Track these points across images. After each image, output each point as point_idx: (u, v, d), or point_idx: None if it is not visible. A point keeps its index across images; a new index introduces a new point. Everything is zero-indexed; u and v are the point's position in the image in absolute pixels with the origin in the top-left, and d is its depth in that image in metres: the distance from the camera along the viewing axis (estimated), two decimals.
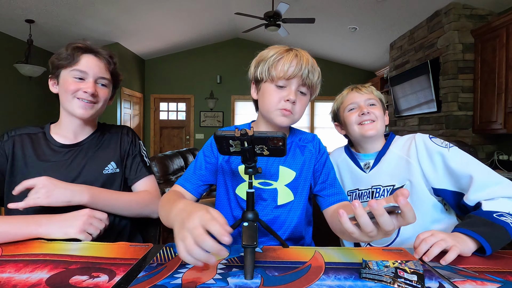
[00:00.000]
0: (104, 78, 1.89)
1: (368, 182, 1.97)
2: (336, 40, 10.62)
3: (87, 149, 1.93)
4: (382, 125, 1.98)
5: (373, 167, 1.97)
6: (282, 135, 1.12)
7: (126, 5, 7.76)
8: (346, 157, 2.13)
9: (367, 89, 2.04)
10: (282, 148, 1.17)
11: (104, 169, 1.91)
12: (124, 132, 2.08)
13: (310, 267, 1.22)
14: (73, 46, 1.82)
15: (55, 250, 1.34)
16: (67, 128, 1.91)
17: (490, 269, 1.22)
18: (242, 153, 1.20)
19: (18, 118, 8.55)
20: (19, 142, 1.84)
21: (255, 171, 1.24)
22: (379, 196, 1.89)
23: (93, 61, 1.84)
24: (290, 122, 1.62)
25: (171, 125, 13.05)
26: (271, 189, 1.66)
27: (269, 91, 1.60)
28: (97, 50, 1.88)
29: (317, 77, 1.62)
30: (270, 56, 1.59)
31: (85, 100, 1.81)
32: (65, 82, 1.81)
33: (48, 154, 1.85)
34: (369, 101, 2.00)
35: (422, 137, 1.88)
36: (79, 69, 1.80)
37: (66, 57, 1.80)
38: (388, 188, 1.89)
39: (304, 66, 1.53)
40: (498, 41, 6.01)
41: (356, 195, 2.00)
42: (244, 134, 1.12)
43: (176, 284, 1.06)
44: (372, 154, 2.03)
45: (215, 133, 1.18)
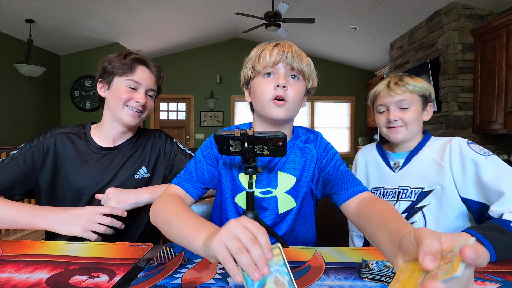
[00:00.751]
0: (152, 90, 1.98)
1: (396, 182, 1.91)
2: (336, 40, 10.61)
3: (123, 153, 1.98)
4: (414, 129, 1.89)
5: (403, 167, 1.91)
6: (282, 135, 1.12)
7: (126, 5, 7.74)
8: (377, 154, 2.07)
9: (400, 88, 1.87)
10: (282, 148, 1.17)
11: (136, 174, 1.96)
12: (157, 136, 2.14)
13: (310, 267, 1.22)
14: (132, 57, 1.89)
15: (55, 250, 1.34)
16: (108, 133, 1.97)
17: (490, 269, 1.22)
18: (242, 153, 1.20)
19: (18, 118, 8.53)
20: (60, 140, 1.89)
21: (255, 171, 1.24)
22: (406, 197, 1.83)
23: (147, 73, 1.93)
24: (286, 113, 1.47)
25: (171, 125, 13.01)
26: (271, 197, 1.58)
27: (258, 84, 1.51)
28: (149, 62, 1.97)
29: (307, 64, 1.51)
30: (253, 54, 1.55)
31: (134, 109, 1.89)
32: (119, 89, 1.87)
33: (87, 155, 1.90)
34: (401, 103, 1.87)
35: (459, 141, 1.78)
36: (134, 80, 1.88)
37: (123, 66, 1.86)
38: (416, 190, 1.82)
39: (287, 52, 1.45)
40: (498, 41, 6.01)
41: (381, 193, 1.95)
42: (244, 134, 1.12)
43: (176, 284, 1.06)
44: (403, 154, 1.96)
45: (215, 133, 1.18)
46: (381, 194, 1.94)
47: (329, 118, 13.17)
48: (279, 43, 1.52)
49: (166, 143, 2.12)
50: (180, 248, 1.39)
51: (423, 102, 1.91)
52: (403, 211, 1.82)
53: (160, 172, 2.06)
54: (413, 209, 1.80)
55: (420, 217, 1.78)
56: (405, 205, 1.83)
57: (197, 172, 1.59)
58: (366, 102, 12.94)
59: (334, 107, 13.15)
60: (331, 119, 13.16)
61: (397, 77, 1.93)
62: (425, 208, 1.77)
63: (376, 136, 12.29)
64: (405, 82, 1.88)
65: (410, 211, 1.80)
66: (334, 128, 13.14)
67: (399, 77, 1.93)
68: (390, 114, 1.89)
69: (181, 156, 2.10)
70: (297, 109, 1.54)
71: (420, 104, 1.90)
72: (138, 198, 1.76)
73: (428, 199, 1.77)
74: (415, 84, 1.87)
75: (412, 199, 1.81)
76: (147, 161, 2.02)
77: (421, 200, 1.79)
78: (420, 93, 1.89)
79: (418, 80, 1.90)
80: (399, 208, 1.83)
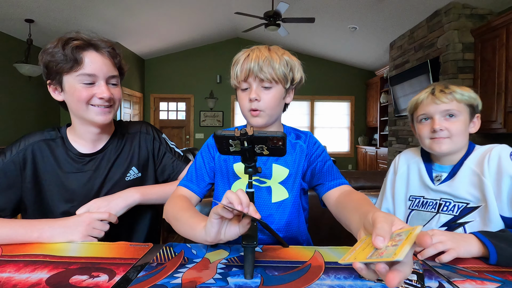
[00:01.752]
0: (114, 77, 1.71)
1: (438, 193, 1.76)
2: (336, 40, 10.63)
3: (109, 156, 1.83)
4: (460, 141, 1.74)
5: (444, 181, 1.75)
6: (282, 135, 1.12)
7: (126, 5, 7.76)
8: (420, 161, 1.91)
9: (447, 97, 1.72)
10: (282, 147, 1.17)
11: (126, 176, 1.85)
12: (143, 131, 1.98)
13: (310, 266, 1.22)
14: (73, 45, 1.59)
15: (55, 250, 1.34)
16: (84, 137, 1.77)
17: (490, 268, 1.23)
18: (242, 153, 1.20)
19: (17, 117, 8.58)
20: (38, 150, 1.72)
21: (255, 171, 1.24)
22: (447, 210, 1.69)
23: (99, 60, 1.63)
24: (264, 120, 1.62)
25: (171, 125, 13.04)
26: (265, 187, 1.66)
27: (240, 97, 1.66)
28: (97, 43, 1.67)
29: (279, 66, 1.55)
30: (232, 65, 1.66)
31: (101, 106, 1.65)
32: (74, 90, 1.61)
33: (69, 164, 1.75)
34: (448, 111, 1.73)
35: (500, 151, 1.65)
36: (86, 73, 1.59)
37: (66, 60, 1.58)
38: (460, 204, 1.67)
39: (254, 62, 1.53)
40: (498, 40, 6.02)
41: (420, 202, 1.82)
42: (243, 134, 1.12)
43: (176, 284, 1.06)
44: (447, 167, 1.80)
45: (215, 132, 1.18)
46: (420, 203, 1.82)
47: (329, 117, 13.22)
48: (250, 52, 1.61)
49: (155, 139, 1.99)
50: (180, 248, 1.40)
51: (470, 113, 1.77)
52: (443, 224, 1.69)
53: (151, 170, 1.96)
54: (454, 224, 1.66)
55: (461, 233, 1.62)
56: (445, 218, 1.69)
57: (197, 173, 1.74)
58: (366, 101, 13.09)
59: (334, 107, 13.20)
60: (331, 119, 13.22)
61: (442, 85, 1.79)
62: (468, 225, 1.63)
63: (376, 136, 12.29)
64: (452, 90, 1.74)
65: (451, 225, 1.67)
66: (334, 128, 13.21)
67: (445, 85, 1.78)
68: (434, 123, 1.74)
69: (170, 155, 2.01)
70: (275, 112, 1.64)
71: (467, 115, 1.76)
72: (127, 201, 1.70)
73: (473, 215, 1.63)
74: (463, 93, 1.74)
75: (454, 213, 1.67)
76: (136, 160, 1.90)
77: (464, 215, 1.65)
78: (467, 103, 1.75)
79: (465, 89, 1.76)
80: (439, 220, 1.70)
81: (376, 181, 3.55)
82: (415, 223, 1.79)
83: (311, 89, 12.70)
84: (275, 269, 1.19)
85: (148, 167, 1.95)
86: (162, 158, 1.99)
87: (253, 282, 1.09)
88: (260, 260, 1.27)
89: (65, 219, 1.53)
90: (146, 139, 1.96)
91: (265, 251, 1.38)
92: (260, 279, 1.11)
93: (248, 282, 1.09)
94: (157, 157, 1.99)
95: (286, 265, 1.23)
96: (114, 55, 1.73)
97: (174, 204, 1.54)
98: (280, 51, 1.63)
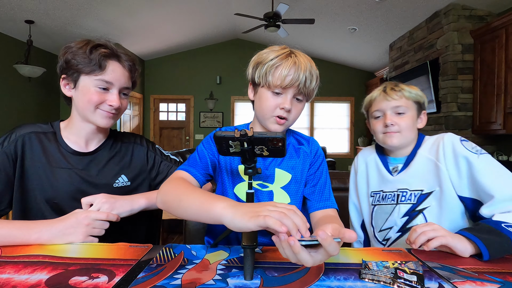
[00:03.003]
0: (127, 88, 1.79)
1: (394, 185, 1.90)
2: (335, 41, 10.63)
3: (100, 159, 1.84)
4: (409, 135, 1.89)
5: (401, 171, 1.90)
6: (282, 136, 1.13)
7: (126, 6, 7.76)
8: (376, 157, 2.05)
9: (397, 94, 1.88)
10: (281, 148, 1.17)
11: (114, 183, 1.84)
12: (138, 142, 2.00)
13: (310, 267, 1.22)
14: (101, 52, 1.67)
15: (55, 251, 1.34)
16: (79, 134, 1.79)
17: (490, 269, 1.23)
18: (241, 154, 1.20)
19: (17, 118, 8.55)
20: (29, 142, 1.72)
21: (254, 172, 1.24)
22: (405, 200, 1.83)
23: (119, 70, 1.72)
24: (284, 128, 1.65)
25: (170, 126, 13.03)
26: (267, 192, 1.66)
27: (266, 97, 1.59)
28: (120, 55, 1.75)
29: (315, 83, 1.59)
30: (268, 60, 1.56)
31: (108, 112, 1.71)
32: (88, 91, 1.66)
33: (59, 160, 1.75)
34: (398, 108, 1.87)
35: (452, 138, 1.78)
36: (106, 80, 1.67)
37: (90, 63, 1.64)
38: (415, 192, 1.81)
39: (302, 74, 1.51)
40: (498, 41, 6.02)
41: (380, 196, 1.95)
42: (243, 135, 1.12)
43: (176, 285, 1.06)
44: (401, 159, 1.95)
45: (214, 133, 1.18)
46: (380, 198, 1.95)
47: (329, 118, 13.22)
48: (296, 59, 1.54)
49: (149, 150, 2.01)
50: (179, 249, 1.39)
51: (417, 109, 1.92)
52: (404, 214, 1.82)
53: (143, 180, 1.96)
54: (413, 212, 1.80)
55: (422, 219, 1.77)
56: (405, 208, 1.82)
57: (201, 160, 1.67)
58: None
59: (333, 108, 13.21)
60: (331, 120, 13.22)
61: (392, 84, 1.94)
62: (426, 210, 1.77)
63: None
64: (401, 88, 1.89)
65: (411, 214, 1.80)
66: (334, 129, 13.20)
67: (395, 84, 1.94)
68: (386, 118, 1.88)
69: (166, 162, 2.03)
70: (294, 122, 1.68)
71: (415, 111, 1.91)
72: (132, 206, 1.67)
73: (429, 201, 1.77)
74: (411, 91, 1.89)
75: (412, 202, 1.81)
76: (126, 169, 1.90)
77: (421, 202, 1.79)
78: (415, 100, 1.90)
79: (413, 88, 1.92)
80: (399, 211, 1.83)
81: None
82: (379, 217, 1.94)
83: None
84: (275, 270, 1.19)
85: (140, 178, 1.95)
86: (159, 166, 2.00)
87: (253, 283, 1.09)
88: (260, 261, 1.27)
89: (62, 220, 1.50)
90: (139, 151, 1.98)
91: (265, 252, 1.37)
92: (260, 280, 1.10)
93: (248, 283, 1.08)
94: (154, 167, 1.99)
95: (286, 266, 1.23)
96: (133, 69, 1.80)
97: (175, 186, 1.45)
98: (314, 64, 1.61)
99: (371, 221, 1.99)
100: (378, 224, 1.95)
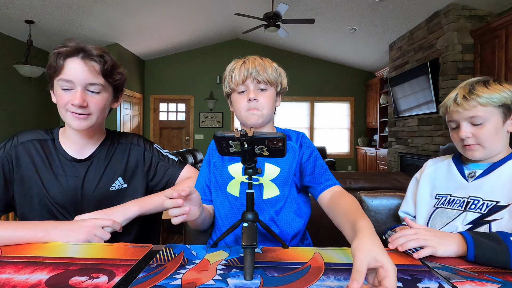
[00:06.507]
0: (94, 84, 1.66)
1: (466, 191, 1.67)
2: (335, 41, 10.63)
3: (96, 164, 1.84)
4: (494, 146, 1.64)
5: (479, 177, 1.66)
6: (282, 136, 1.13)
7: (125, 6, 7.76)
8: (450, 161, 1.84)
9: (470, 103, 1.61)
10: (281, 148, 1.17)
11: (111, 186, 1.85)
12: (135, 142, 1.98)
13: (310, 267, 1.22)
14: (55, 51, 1.63)
15: (55, 252, 1.34)
16: (72, 139, 1.79)
17: (490, 270, 1.23)
18: (241, 154, 1.20)
19: (17, 118, 8.57)
20: (30, 149, 1.76)
21: (255, 172, 1.24)
22: (475, 209, 1.60)
23: (78, 66, 1.62)
24: (260, 118, 1.76)
25: (170, 126, 13.04)
26: (257, 184, 1.74)
27: (235, 99, 1.79)
28: (84, 49, 1.65)
29: (272, 72, 1.76)
30: (227, 72, 1.81)
31: (75, 113, 1.63)
32: (56, 94, 1.66)
33: (59, 167, 1.77)
34: (473, 119, 1.62)
35: None
36: (64, 78, 1.61)
37: (52, 65, 1.63)
38: (489, 203, 1.57)
39: (251, 67, 1.72)
40: (497, 41, 6.04)
41: (447, 200, 1.73)
42: (244, 135, 1.13)
43: (176, 285, 1.06)
44: (484, 165, 1.69)
45: (215, 133, 1.18)
46: (446, 201, 1.73)
47: (329, 118, 13.24)
48: (245, 60, 1.79)
49: (146, 150, 1.99)
50: (179, 249, 1.40)
51: (504, 112, 1.62)
52: (469, 222, 1.59)
53: (138, 181, 1.95)
54: (481, 221, 1.56)
55: (486, 229, 1.54)
56: (472, 217, 1.59)
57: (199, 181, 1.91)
58: (366, 102, 13.11)
59: (333, 108, 13.21)
60: (331, 120, 13.24)
61: (466, 88, 1.66)
62: (494, 223, 1.53)
63: (375, 137, 12.30)
64: (476, 95, 1.60)
65: (477, 223, 1.57)
66: (334, 129, 13.21)
67: (469, 88, 1.65)
68: (461, 131, 1.65)
69: (164, 163, 2.01)
70: (270, 112, 1.79)
71: (499, 116, 1.61)
72: (125, 215, 1.71)
73: (501, 213, 1.52)
74: (490, 96, 1.59)
75: (482, 212, 1.57)
76: (122, 171, 1.90)
77: (492, 213, 1.55)
78: (497, 104, 1.60)
79: (495, 89, 1.61)
80: (465, 219, 1.61)
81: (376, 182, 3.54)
82: (438, 220, 1.71)
83: (311, 90, 12.73)
84: (275, 270, 1.19)
85: (136, 179, 1.94)
86: (156, 168, 2.00)
87: (253, 283, 1.09)
88: (260, 261, 1.27)
89: (69, 223, 1.55)
90: (136, 151, 1.97)
91: (265, 252, 1.38)
92: (260, 280, 1.11)
93: (248, 283, 1.08)
94: (151, 168, 1.99)
95: (286, 266, 1.24)
96: (99, 61, 1.67)
97: None
98: (269, 60, 1.82)
99: (428, 222, 1.77)
100: (435, 226, 1.71)
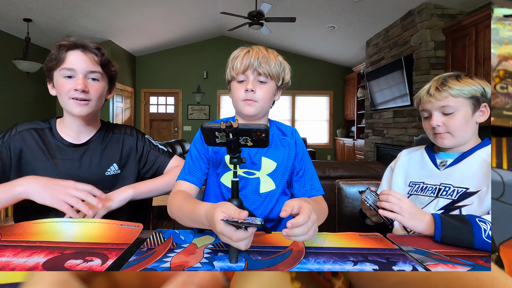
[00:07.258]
0: (94, 72, 1.75)
1: (438, 179, 1.70)
2: (315, 38, 10.66)
3: (93, 149, 1.87)
4: (463, 135, 1.67)
5: (450, 166, 1.70)
6: (265, 127, 1.13)
7: (118, 5, 7.73)
8: (423, 151, 1.86)
9: (441, 94, 1.64)
10: (265, 139, 1.17)
11: (106, 171, 1.88)
12: (128, 133, 2.03)
13: (292, 251, 1.23)
14: (57, 44, 1.72)
15: (52, 236, 1.34)
16: (70, 127, 1.83)
17: (461, 253, 1.25)
18: (227, 144, 1.20)
19: (15, 112, 8.50)
20: (27, 137, 1.79)
21: (239, 161, 1.24)
22: (446, 195, 1.63)
23: (80, 56, 1.72)
24: (255, 110, 1.67)
25: (160, 118, 13.03)
26: (254, 178, 1.70)
27: (234, 88, 1.70)
28: (83, 43, 1.75)
29: (275, 65, 1.66)
30: (231, 58, 1.70)
31: (78, 99, 1.70)
32: (57, 83, 1.73)
33: (56, 151, 1.80)
34: (444, 108, 1.64)
35: None
36: (66, 67, 1.69)
37: (54, 58, 1.71)
38: (459, 189, 1.60)
39: (254, 58, 1.61)
40: (468, 38, 6.06)
41: (420, 187, 1.76)
42: (229, 126, 1.13)
43: (165, 267, 1.06)
44: (454, 154, 1.72)
45: (202, 125, 1.19)
46: (419, 188, 1.77)
47: (309, 111, 13.32)
48: (250, 49, 1.67)
49: (138, 140, 2.03)
50: (168, 234, 1.40)
51: (473, 104, 1.64)
52: (441, 208, 1.63)
53: (131, 168, 1.98)
54: (452, 207, 1.60)
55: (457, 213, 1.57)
56: (443, 203, 1.63)
57: (194, 164, 1.73)
58: (344, 96, 13.16)
59: (313, 101, 13.29)
60: (311, 112, 13.32)
61: (439, 81, 1.70)
62: (464, 208, 1.56)
63: (353, 128, 12.35)
64: (448, 86, 1.64)
65: (448, 208, 1.61)
66: (313, 121, 13.29)
67: (442, 81, 1.68)
68: (432, 119, 1.69)
69: (155, 152, 2.05)
70: (267, 105, 1.71)
71: (469, 107, 1.64)
72: (120, 196, 1.73)
73: (471, 199, 1.56)
74: (461, 88, 1.62)
75: (453, 198, 1.61)
76: (117, 158, 1.93)
77: (462, 199, 1.58)
78: (467, 96, 1.63)
79: (466, 82, 1.64)
80: (437, 204, 1.64)
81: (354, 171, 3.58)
82: None
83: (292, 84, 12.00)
84: (259, 254, 1.20)
85: (128, 166, 1.97)
86: (147, 156, 2.03)
87: (238, 266, 1.10)
88: None
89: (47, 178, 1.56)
90: (129, 140, 2.01)
91: None
92: (244, 263, 1.11)
93: (233, 266, 1.09)
94: (142, 156, 2.02)
95: (269, 250, 1.24)
96: (97, 53, 1.77)
97: (176, 199, 1.55)
98: (275, 53, 1.70)
99: None
100: None
